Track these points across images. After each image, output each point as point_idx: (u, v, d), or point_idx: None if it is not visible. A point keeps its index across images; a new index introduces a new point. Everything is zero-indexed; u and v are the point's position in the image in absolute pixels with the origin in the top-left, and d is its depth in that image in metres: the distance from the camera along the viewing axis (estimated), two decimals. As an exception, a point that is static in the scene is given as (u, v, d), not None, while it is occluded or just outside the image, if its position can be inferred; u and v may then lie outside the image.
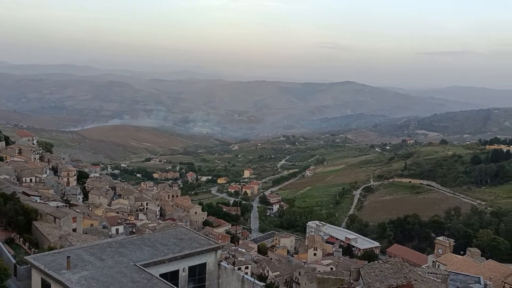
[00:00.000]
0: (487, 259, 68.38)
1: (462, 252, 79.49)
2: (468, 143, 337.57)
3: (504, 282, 52.11)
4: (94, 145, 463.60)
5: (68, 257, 18.08)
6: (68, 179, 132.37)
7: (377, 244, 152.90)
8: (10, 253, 48.06)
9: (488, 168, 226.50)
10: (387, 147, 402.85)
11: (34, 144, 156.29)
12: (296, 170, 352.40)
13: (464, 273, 43.24)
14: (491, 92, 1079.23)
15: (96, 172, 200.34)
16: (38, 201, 77.86)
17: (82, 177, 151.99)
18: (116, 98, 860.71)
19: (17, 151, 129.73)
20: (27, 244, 53.76)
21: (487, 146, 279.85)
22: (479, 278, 40.19)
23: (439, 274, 36.50)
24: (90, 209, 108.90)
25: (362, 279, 32.04)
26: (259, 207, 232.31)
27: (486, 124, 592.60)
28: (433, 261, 68.10)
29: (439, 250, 74.98)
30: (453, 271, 44.38)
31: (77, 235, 62.52)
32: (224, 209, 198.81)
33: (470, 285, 37.60)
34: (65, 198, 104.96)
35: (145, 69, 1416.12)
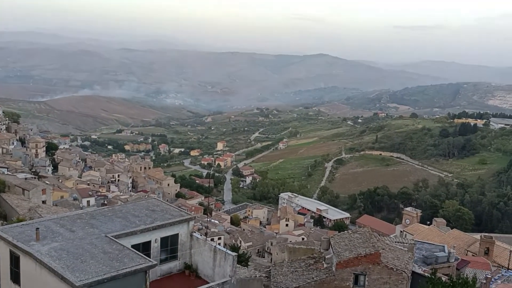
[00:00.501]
0: (452, 229, 70.97)
1: (428, 222, 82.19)
2: (438, 116, 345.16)
3: (467, 250, 54.30)
4: (63, 116, 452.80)
5: (37, 228, 17.79)
6: (36, 150, 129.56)
7: (347, 215, 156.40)
8: (-23, 225, 47.12)
9: (455, 141, 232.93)
10: (359, 120, 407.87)
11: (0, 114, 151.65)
12: (269, 142, 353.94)
13: (430, 242, 44.82)
14: (461, 67, 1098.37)
15: (65, 144, 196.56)
16: (6, 172, 76.06)
17: (51, 148, 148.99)
18: (85, 67, 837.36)
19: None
20: (-6, 216, 52.70)
21: (455, 120, 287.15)
22: (444, 246, 41.73)
23: (406, 243, 37.71)
24: (60, 181, 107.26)
25: (332, 248, 32.81)
26: (232, 179, 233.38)
27: (455, 98, 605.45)
28: (401, 231, 70.25)
29: (407, 220, 77.35)
30: (419, 240, 45.94)
31: (47, 207, 61.59)
32: (197, 181, 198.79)
33: (435, 253, 39.02)
34: (34, 170, 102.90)
35: (115, 38, 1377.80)
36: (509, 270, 43.11)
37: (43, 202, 67.97)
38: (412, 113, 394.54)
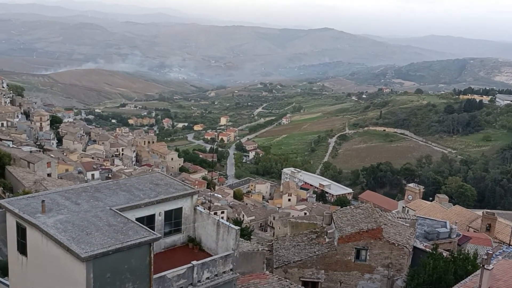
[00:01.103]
0: (454, 205, 71.33)
1: (431, 198, 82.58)
2: (443, 92, 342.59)
3: (469, 226, 54.64)
4: (67, 90, 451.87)
5: (43, 201, 17.94)
6: (41, 123, 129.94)
7: (350, 190, 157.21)
8: (-17, 197, 47.65)
9: (460, 117, 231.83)
10: (364, 96, 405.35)
11: (4, 87, 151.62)
12: (273, 117, 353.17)
13: (432, 218, 45.10)
14: (468, 42, 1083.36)
15: (69, 117, 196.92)
16: (11, 145, 76.55)
17: (55, 122, 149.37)
18: (89, 41, 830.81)
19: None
20: (1, 188, 53.30)
21: (461, 96, 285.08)
22: (446, 222, 42.01)
23: (408, 219, 38.00)
24: (64, 154, 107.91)
25: (334, 223, 33.10)
26: (236, 154, 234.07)
27: (461, 74, 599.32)
28: (403, 207, 70.62)
29: (409, 196, 77.64)
30: (421, 216, 46.24)
31: (52, 180, 62.17)
32: (200, 156, 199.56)
33: (436, 229, 39.31)
34: (39, 143, 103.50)
35: (118, 11, 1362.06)
36: (510, 246, 43.48)
37: (48, 175, 68.59)
38: (417, 89, 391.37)
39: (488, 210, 62.37)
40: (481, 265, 17.71)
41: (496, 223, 51.97)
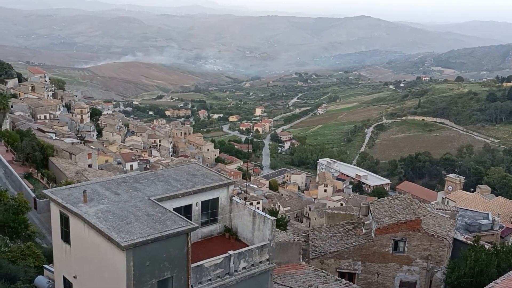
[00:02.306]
0: (497, 196, 69.06)
1: (472, 189, 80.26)
2: (485, 80, 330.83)
3: (512, 218, 52.77)
4: (105, 82, 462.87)
5: (85, 191, 18.50)
6: (81, 116, 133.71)
7: (387, 181, 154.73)
8: (29, 187, 49.67)
9: (503, 105, 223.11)
10: (401, 85, 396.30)
11: (46, 81, 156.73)
12: (308, 108, 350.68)
13: (473, 209, 43.84)
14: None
15: (108, 109, 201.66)
16: (54, 137, 79.21)
17: (95, 114, 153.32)
18: (126, 34, 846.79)
19: (30, 88, 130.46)
20: (45, 179, 55.36)
21: (504, 83, 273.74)
22: (488, 214, 40.77)
23: (448, 210, 37.06)
24: (104, 145, 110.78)
25: (371, 214, 32.67)
26: (271, 144, 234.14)
27: (505, 60, 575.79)
28: (443, 198, 68.98)
29: (449, 187, 75.71)
30: (462, 207, 45.02)
31: (92, 171, 64.07)
32: (236, 147, 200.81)
33: (478, 220, 38.21)
34: (80, 135, 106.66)
35: (154, 4, 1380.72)
36: (556, 239, 41.73)
37: (89, 166, 70.71)
38: (458, 76, 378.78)
39: (533, 202, 60.01)
40: (526, 259, 17.08)
41: (542, 215, 49.99)
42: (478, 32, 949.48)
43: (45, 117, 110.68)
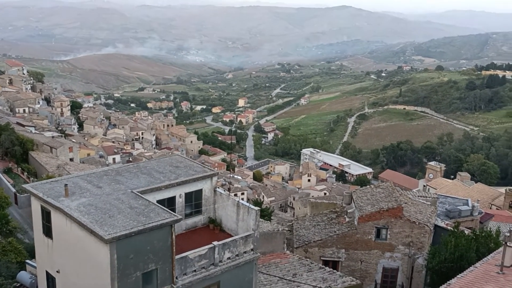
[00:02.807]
0: (476, 183, 70.45)
1: (452, 177, 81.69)
2: (464, 69, 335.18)
3: (491, 204, 54.02)
4: (85, 75, 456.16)
5: (66, 185, 18.31)
6: (61, 109, 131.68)
7: (369, 170, 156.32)
8: (9, 182, 48.90)
9: (482, 94, 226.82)
10: (383, 74, 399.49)
11: (24, 74, 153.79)
12: (291, 98, 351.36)
13: (453, 196, 44.65)
14: (491, 16, 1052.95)
15: (89, 102, 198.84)
16: (33, 131, 77.94)
17: (75, 107, 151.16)
18: (105, 26, 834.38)
19: (7, 81, 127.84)
20: (25, 173, 54.55)
21: (483, 72, 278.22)
22: (467, 200, 41.55)
23: (429, 197, 37.68)
24: (85, 139, 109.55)
25: (354, 203, 33.04)
26: (254, 135, 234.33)
27: (483, 49, 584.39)
28: (424, 185, 70.10)
29: (430, 175, 76.96)
30: (442, 194, 45.81)
31: (74, 165, 63.34)
32: (219, 138, 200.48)
33: (458, 207, 38.93)
34: (60, 129, 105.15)
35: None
36: (534, 224, 42.82)
37: (71, 159, 69.86)
38: (438, 65, 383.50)
39: (511, 187, 61.40)
40: (503, 242, 17.52)
41: (520, 201, 51.22)
42: (457, 21, 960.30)
43: (24, 110, 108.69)
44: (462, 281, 16.61)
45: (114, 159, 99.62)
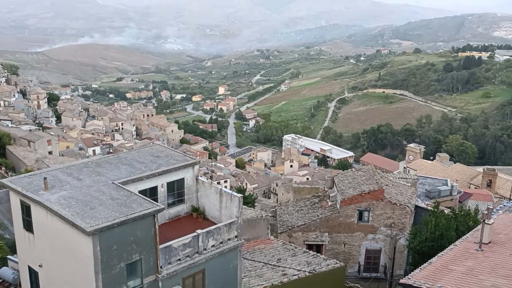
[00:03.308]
0: (455, 163, 71.70)
1: (431, 158, 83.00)
2: (441, 51, 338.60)
3: (470, 183, 55.12)
4: (61, 66, 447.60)
5: (45, 178, 18.02)
6: (38, 102, 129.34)
7: (351, 153, 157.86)
8: (-14, 178, 47.94)
9: (459, 75, 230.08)
10: (362, 58, 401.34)
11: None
12: (271, 85, 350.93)
13: (433, 177, 45.42)
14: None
15: (66, 94, 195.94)
16: (10, 125, 76.46)
17: (52, 99, 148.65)
18: (80, 15, 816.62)
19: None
20: (3, 168, 53.56)
21: (459, 54, 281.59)
22: (447, 180, 42.32)
23: (409, 179, 38.26)
24: (64, 131, 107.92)
25: (336, 186, 33.37)
26: (236, 123, 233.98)
27: (459, 31, 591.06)
28: (404, 167, 71.05)
29: (410, 157, 78.01)
30: (422, 175, 46.55)
31: (53, 158, 62.43)
32: (200, 127, 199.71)
33: (437, 187, 39.64)
34: (37, 122, 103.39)
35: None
36: (510, 201, 43.91)
37: (49, 153, 68.81)
38: (416, 48, 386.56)
39: (489, 167, 62.77)
40: (482, 220, 17.93)
41: (497, 179, 52.40)
42: (433, 3, 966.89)
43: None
44: (443, 259, 16.98)
45: (94, 151, 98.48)
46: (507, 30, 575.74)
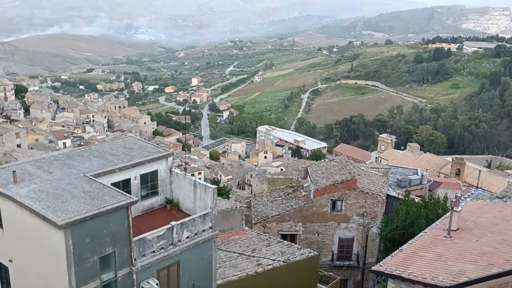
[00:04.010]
0: (425, 153, 73.36)
1: (402, 148, 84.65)
2: (412, 42, 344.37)
3: (439, 172, 56.50)
4: (29, 57, 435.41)
5: (14, 171, 17.58)
6: (5, 94, 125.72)
7: (324, 144, 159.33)
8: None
9: (429, 66, 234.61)
10: (334, 50, 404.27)
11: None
12: (245, 76, 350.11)
13: (404, 166, 46.36)
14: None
15: (35, 86, 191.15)
16: (-25, 118, 74.12)
17: (20, 91, 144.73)
18: (48, 4, 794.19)
19: None
20: (-31, 162, 51.92)
21: (429, 45, 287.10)
22: (417, 169, 43.27)
23: (381, 169, 38.95)
24: (33, 124, 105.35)
25: (309, 177, 33.70)
26: (209, 114, 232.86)
27: (429, 23, 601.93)
28: (376, 157, 72.24)
29: (382, 147, 79.36)
30: (393, 164, 47.46)
31: (22, 151, 60.93)
32: (173, 118, 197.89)
33: (408, 176, 40.50)
34: (5, 114, 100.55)
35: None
36: (478, 189, 45.28)
37: (18, 146, 67.16)
38: (387, 40, 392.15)
39: (458, 156, 64.51)
40: (450, 208, 18.42)
41: (465, 168, 53.86)
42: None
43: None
44: (413, 246, 17.39)
45: (64, 143, 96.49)
46: (475, 22, 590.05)
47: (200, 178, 77.61)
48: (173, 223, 18.55)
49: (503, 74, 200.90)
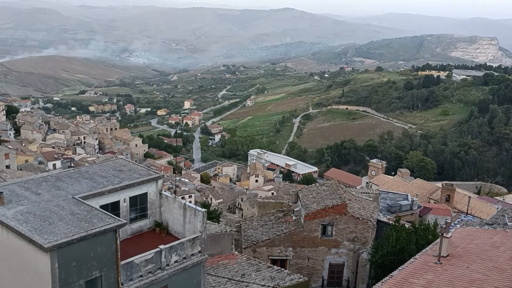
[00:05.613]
0: (415, 178, 73.64)
1: (393, 173, 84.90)
2: (402, 69, 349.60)
3: (429, 198, 56.62)
4: (22, 78, 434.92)
5: (1, 192, 17.38)
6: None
7: (315, 168, 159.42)
8: None
9: (419, 93, 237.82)
10: (326, 75, 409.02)
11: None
12: (237, 100, 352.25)
13: (394, 191, 46.43)
14: (425, 19, 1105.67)
15: (26, 106, 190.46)
16: (-36, 138, 73.45)
17: (11, 112, 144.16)
18: (43, 26, 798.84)
19: None
20: (-44, 183, 51.20)
21: (419, 72, 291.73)
22: (407, 195, 43.33)
23: (371, 194, 38.99)
24: (23, 145, 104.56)
25: (300, 201, 33.60)
26: (201, 137, 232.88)
27: (419, 50, 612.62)
28: (367, 182, 72.30)
29: (372, 172, 79.60)
30: (384, 190, 47.53)
31: (11, 172, 60.19)
32: (165, 141, 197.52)
33: (398, 202, 40.51)
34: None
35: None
36: (468, 215, 45.39)
37: (7, 167, 66.43)
38: (378, 66, 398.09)
39: (447, 182, 64.76)
40: (440, 234, 18.42)
41: (455, 194, 54.05)
42: (394, 23, 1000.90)
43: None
44: (403, 273, 17.30)
45: (54, 165, 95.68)
46: (464, 51, 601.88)
47: (190, 201, 77.11)
48: (162, 246, 18.32)
49: (492, 102, 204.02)
